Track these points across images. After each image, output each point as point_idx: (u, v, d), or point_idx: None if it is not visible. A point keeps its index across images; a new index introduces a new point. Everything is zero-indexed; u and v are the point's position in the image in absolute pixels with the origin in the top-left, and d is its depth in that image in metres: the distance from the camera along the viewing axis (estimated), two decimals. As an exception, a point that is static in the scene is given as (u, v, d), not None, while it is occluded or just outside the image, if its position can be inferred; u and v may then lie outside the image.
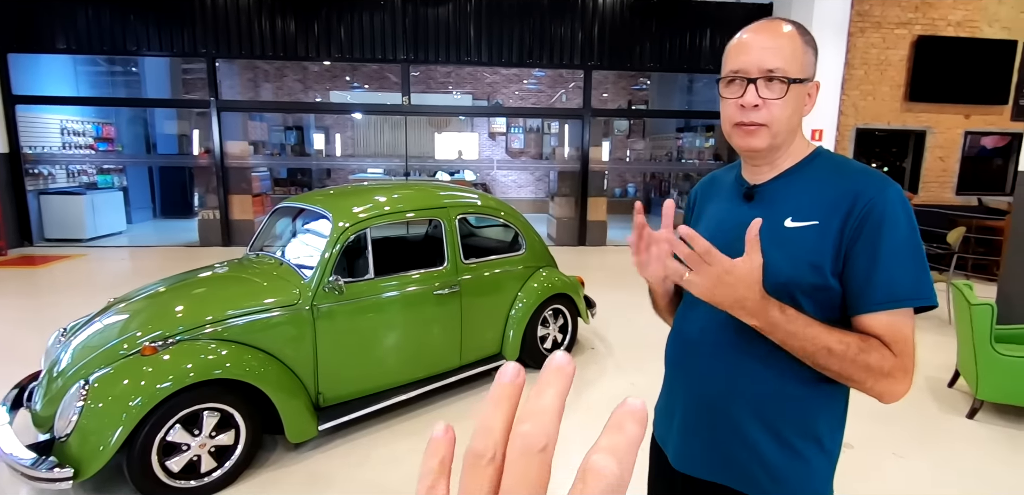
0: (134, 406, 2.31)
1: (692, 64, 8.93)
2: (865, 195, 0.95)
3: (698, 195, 1.28)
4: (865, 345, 0.92)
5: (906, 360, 0.93)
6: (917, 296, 0.94)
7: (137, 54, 8.25)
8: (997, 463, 2.94)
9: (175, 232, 9.94)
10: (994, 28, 8.07)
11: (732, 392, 1.05)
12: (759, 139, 1.02)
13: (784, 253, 0.99)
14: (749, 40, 1.02)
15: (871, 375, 0.92)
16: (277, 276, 3.03)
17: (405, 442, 3.06)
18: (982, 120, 8.48)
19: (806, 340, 0.93)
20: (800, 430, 1.02)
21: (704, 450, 1.10)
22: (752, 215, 1.02)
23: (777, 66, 0.99)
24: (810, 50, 1.03)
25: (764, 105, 1.00)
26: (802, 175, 1.05)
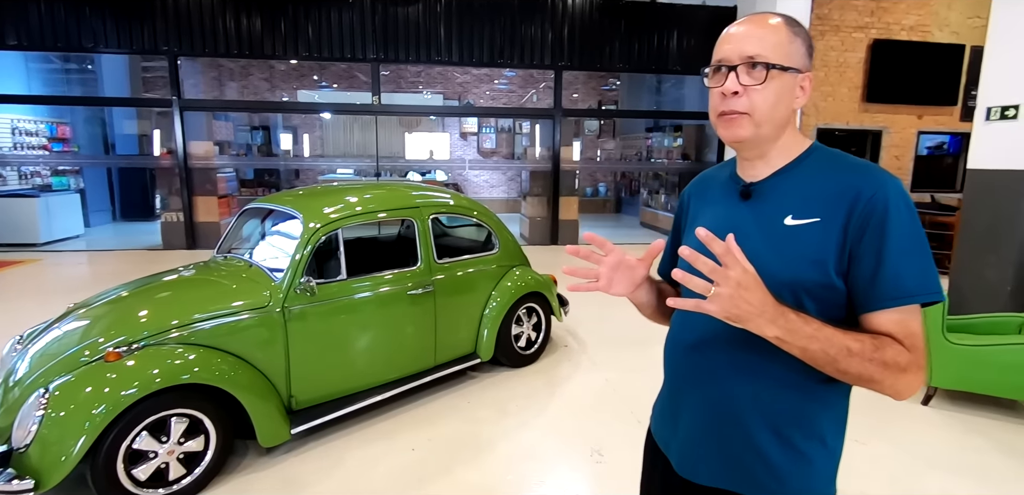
0: (98, 414, 2.24)
1: (660, 65, 9.10)
2: (867, 191, 0.94)
3: (689, 197, 1.25)
4: (879, 342, 0.91)
5: (918, 355, 0.92)
6: (924, 291, 0.92)
7: (94, 51, 7.96)
8: (951, 446, 3.09)
9: (136, 235, 9.63)
10: (944, 32, 8.46)
11: (738, 396, 1.04)
12: (741, 128, 1.01)
13: (785, 252, 0.98)
14: (734, 31, 1.02)
15: (888, 372, 0.90)
16: (246, 278, 2.98)
17: (380, 444, 3.04)
18: (934, 120, 8.87)
19: (826, 342, 0.90)
20: (803, 430, 1.01)
21: (711, 457, 1.09)
22: (750, 214, 1.04)
23: (757, 52, 0.98)
24: (800, 41, 1.01)
25: (744, 92, 0.99)
26: (799, 171, 1.03)
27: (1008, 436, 3.19)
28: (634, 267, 1.19)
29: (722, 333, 1.00)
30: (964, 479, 2.79)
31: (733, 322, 0.90)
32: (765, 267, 0.94)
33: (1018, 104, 4.38)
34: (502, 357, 3.92)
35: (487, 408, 3.46)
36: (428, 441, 3.07)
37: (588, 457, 2.95)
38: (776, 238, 0.99)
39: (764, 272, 0.92)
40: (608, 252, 1.16)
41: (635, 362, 4.21)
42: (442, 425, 3.25)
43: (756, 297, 0.88)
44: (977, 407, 3.51)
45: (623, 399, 3.61)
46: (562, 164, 9.26)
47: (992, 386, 3.37)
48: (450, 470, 2.82)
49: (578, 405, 3.54)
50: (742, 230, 1.01)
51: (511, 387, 3.75)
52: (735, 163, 1.13)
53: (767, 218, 1.02)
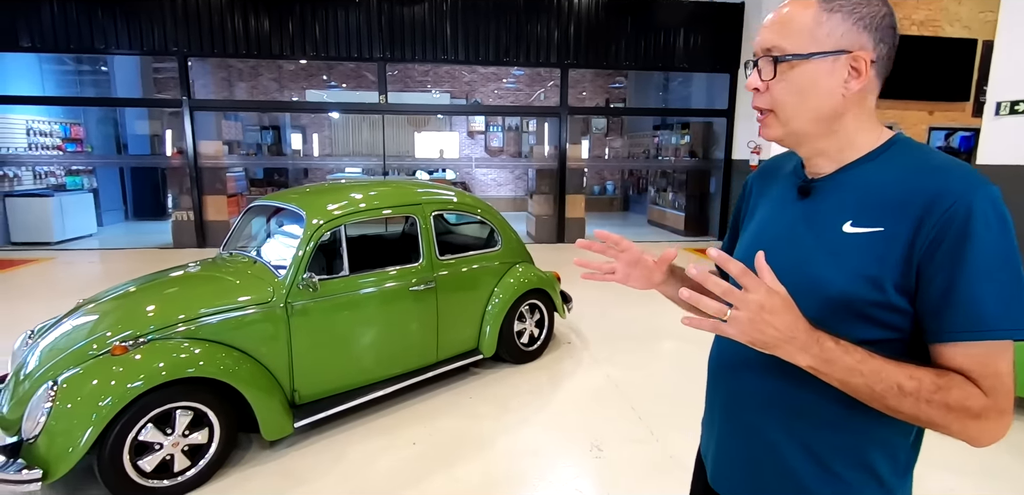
0: (104, 406, 2.28)
1: (666, 62, 9.07)
2: (947, 197, 0.77)
3: (752, 186, 1.12)
4: (943, 382, 0.77)
5: (999, 398, 0.76)
6: (1009, 325, 0.76)
7: (106, 52, 8.08)
8: (958, 445, 3.06)
9: (148, 234, 9.76)
10: (955, 27, 8.35)
11: (766, 408, 0.95)
12: (769, 128, 0.92)
13: (839, 263, 0.85)
14: (766, 18, 0.92)
15: (954, 417, 0.77)
16: (251, 275, 3.02)
17: (382, 438, 3.07)
18: (945, 116, 8.76)
19: (873, 377, 0.78)
20: (846, 458, 0.89)
21: (738, 470, 1.03)
22: (805, 216, 0.92)
23: (774, 43, 0.88)
24: (838, 16, 0.84)
25: (767, 88, 0.90)
26: (869, 169, 0.88)
27: (1018, 436, 3.16)
28: (651, 269, 1.13)
29: (754, 357, 0.89)
30: (970, 478, 2.77)
31: (758, 347, 0.80)
32: (814, 279, 0.86)
33: (1028, 99, 4.33)
34: (504, 354, 3.94)
35: (489, 404, 3.48)
36: (429, 436, 3.10)
37: (588, 452, 2.96)
38: (831, 246, 0.86)
39: (813, 285, 0.85)
40: (625, 249, 1.10)
41: (636, 359, 4.21)
42: (444, 420, 3.27)
43: (783, 322, 0.77)
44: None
45: (624, 395, 3.61)
46: (569, 162, 9.26)
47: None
48: (451, 465, 2.85)
49: (579, 401, 3.55)
50: (792, 234, 0.92)
51: (513, 383, 3.77)
52: None
53: (823, 222, 0.89)
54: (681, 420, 3.28)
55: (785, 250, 0.92)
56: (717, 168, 9.69)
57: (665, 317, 5.13)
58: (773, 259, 0.90)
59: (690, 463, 2.78)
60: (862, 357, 0.78)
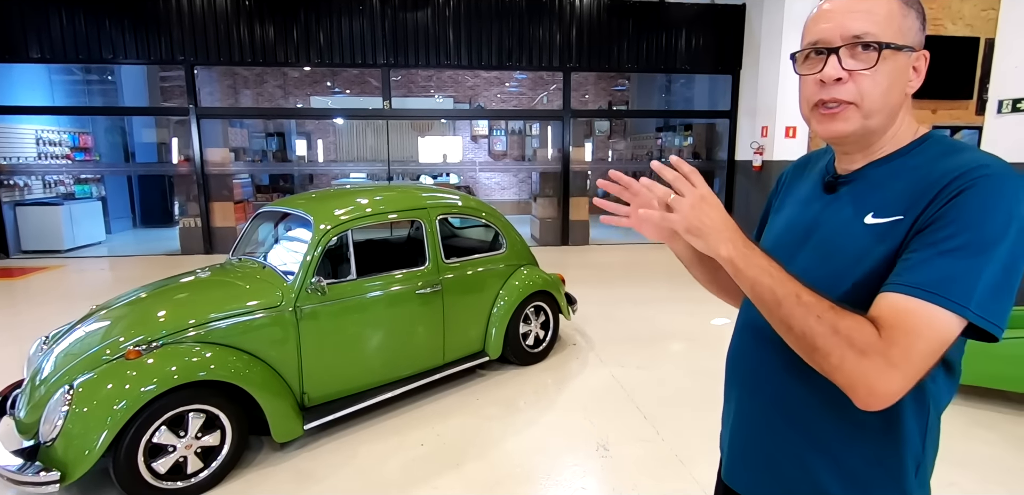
0: (119, 409, 2.33)
1: (669, 65, 9.10)
2: (969, 175, 0.74)
3: (786, 178, 1.11)
4: (838, 308, 0.76)
5: (892, 348, 0.72)
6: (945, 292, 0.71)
7: (113, 62, 8.18)
8: (959, 439, 3.07)
9: (156, 241, 9.85)
10: (958, 25, 8.35)
11: (780, 405, 0.94)
12: (846, 123, 0.85)
13: (858, 257, 0.83)
14: (831, 5, 0.86)
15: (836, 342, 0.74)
16: (260, 279, 3.07)
17: (391, 439, 3.11)
18: (949, 114, 8.75)
19: (777, 279, 0.79)
20: (857, 453, 0.87)
21: (750, 465, 1.02)
22: (826, 212, 0.92)
23: (866, 29, 0.81)
24: (913, 12, 0.84)
25: (850, 78, 0.83)
26: (899, 161, 0.86)
27: (1018, 430, 3.17)
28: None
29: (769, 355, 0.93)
30: (972, 472, 2.78)
31: (692, 236, 0.85)
32: (833, 274, 0.85)
33: (1029, 96, 4.34)
34: (510, 355, 3.97)
35: (496, 405, 3.51)
36: (437, 437, 3.14)
37: (594, 452, 2.99)
38: (851, 240, 0.85)
39: (832, 279, 0.84)
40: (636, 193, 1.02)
41: (641, 359, 4.24)
42: (451, 421, 3.31)
43: (718, 214, 0.84)
44: (986, 401, 3.48)
45: (629, 395, 3.64)
46: (572, 165, 9.30)
47: (1002, 380, 3.34)
48: (459, 465, 2.88)
49: (585, 401, 3.58)
50: (815, 228, 0.92)
51: (519, 384, 3.81)
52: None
53: (846, 216, 0.88)
54: (687, 420, 3.31)
55: (807, 244, 0.92)
56: (720, 169, 9.71)
57: (670, 318, 5.16)
58: (796, 253, 0.93)
59: (696, 462, 2.83)
60: (772, 262, 0.81)
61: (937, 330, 0.73)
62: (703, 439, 3.10)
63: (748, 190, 8.95)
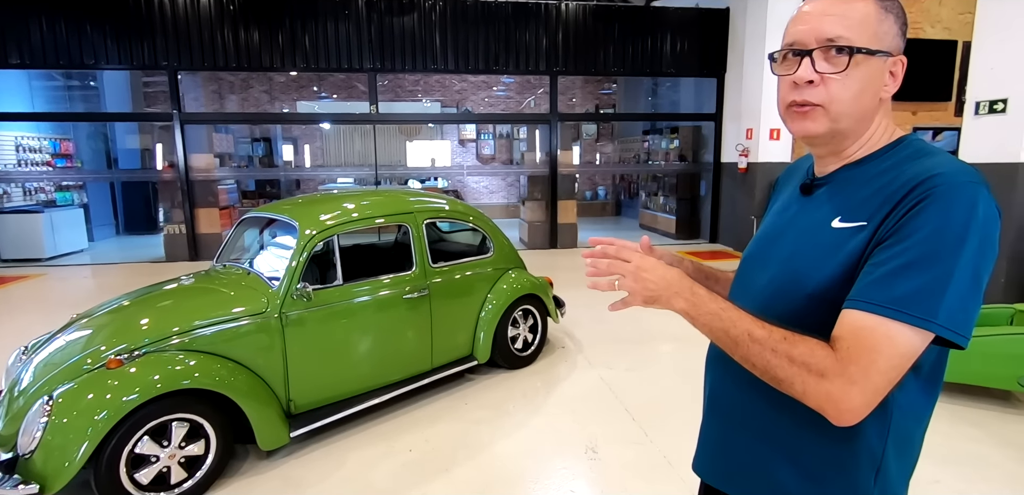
0: (100, 420, 2.29)
1: (654, 68, 9.16)
2: (927, 185, 0.75)
3: (780, 182, 1.13)
4: (792, 336, 0.78)
5: (851, 367, 0.74)
6: (908, 308, 0.72)
7: (95, 68, 8.07)
8: (945, 437, 3.12)
9: (140, 248, 9.72)
10: (936, 29, 8.50)
11: (740, 398, 0.97)
12: (815, 123, 0.86)
13: (822, 260, 0.84)
14: (810, 8, 0.87)
15: (797, 371, 0.77)
16: (245, 286, 3.04)
17: (379, 445, 3.09)
18: (929, 116, 8.90)
19: (728, 322, 0.83)
20: (812, 453, 0.89)
21: (716, 458, 1.06)
22: (799, 214, 0.94)
23: (839, 33, 0.82)
24: (891, 17, 0.84)
25: (821, 81, 0.84)
26: (871, 166, 0.87)
27: (1002, 427, 3.22)
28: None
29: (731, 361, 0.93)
30: (958, 469, 2.82)
31: (652, 306, 0.91)
32: (797, 274, 0.86)
33: (1006, 98, 4.43)
34: (499, 359, 3.97)
35: (484, 409, 3.50)
36: (426, 442, 3.12)
37: (583, 455, 3.00)
38: (817, 243, 0.87)
39: (796, 280, 0.86)
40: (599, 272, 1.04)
41: (630, 361, 4.25)
42: (440, 426, 3.30)
43: (658, 275, 0.89)
44: (971, 398, 3.54)
45: (618, 397, 3.65)
46: (560, 168, 9.33)
47: (985, 377, 3.40)
48: (448, 470, 2.87)
49: (574, 404, 3.58)
50: (788, 230, 0.94)
51: (508, 388, 3.80)
52: None
53: (816, 219, 0.89)
54: (675, 421, 3.33)
55: (779, 246, 0.94)
56: (707, 171, 9.79)
57: (657, 320, 5.18)
58: (769, 255, 0.97)
59: (684, 463, 2.84)
60: (725, 306, 0.85)
61: (898, 346, 0.74)
62: (691, 440, 3.08)
63: (734, 191, 9.03)
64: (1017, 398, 3.52)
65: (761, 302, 0.93)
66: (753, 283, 0.99)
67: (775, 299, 0.91)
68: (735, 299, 1.02)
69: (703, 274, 1.19)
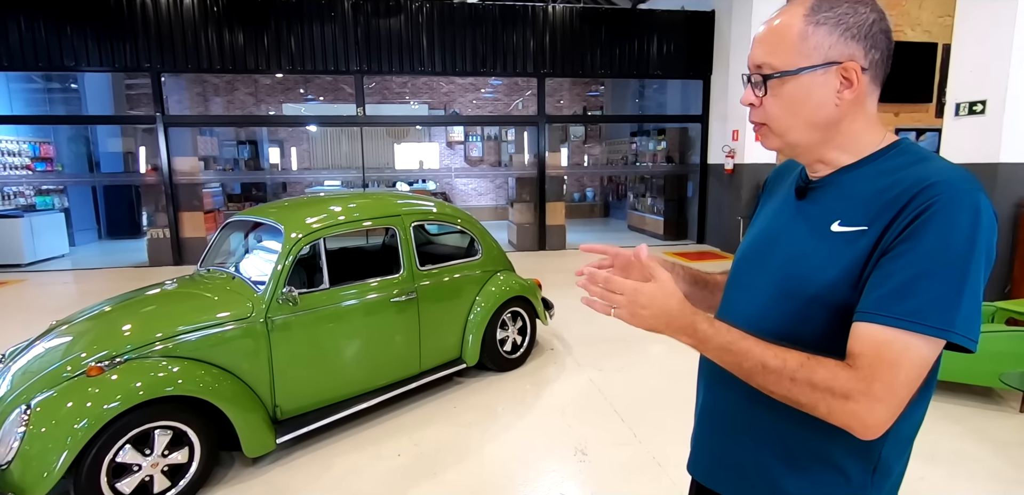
0: (80, 428, 2.25)
1: (641, 70, 9.21)
2: (930, 191, 0.76)
3: (771, 183, 1.14)
4: (809, 361, 0.78)
5: (874, 384, 0.74)
6: (926, 319, 0.73)
7: (75, 70, 7.94)
8: (926, 433, 3.15)
9: (123, 253, 9.56)
10: (917, 31, 8.64)
11: (736, 403, 0.97)
12: (768, 140, 0.93)
13: (823, 263, 0.85)
14: (757, 33, 0.92)
15: (820, 396, 0.77)
16: (229, 290, 3.00)
17: (367, 450, 3.06)
18: (911, 117, 9.04)
19: (740, 355, 0.82)
20: (812, 454, 0.89)
21: (712, 457, 1.06)
22: (797, 216, 0.95)
23: (763, 60, 0.88)
24: (825, 29, 0.84)
25: (760, 103, 0.91)
26: (865, 170, 0.88)
27: (982, 423, 3.27)
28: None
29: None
30: (938, 465, 2.86)
31: (653, 332, 0.88)
32: (798, 278, 0.87)
33: (985, 99, 4.50)
34: (488, 362, 3.95)
35: (473, 412, 3.49)
36: (415, 446, 3.10)
37: (572, 457, 2.99)
38: (817, 246, 0.87)
39: (797, 284, 0.87)
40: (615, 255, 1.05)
41: (619, 362, 4.26)
42: (429, 430, 3.28)
43: (656, 308, 0.85)
44: (951, 394, 3.59)
45: (607, 399, 3.66)
46: (548, 170, 9.33)
47: (968, 375, 3.45)
48: (436, 474, 2.85)
49: (563, 406, 3.58)
50: (785, 234, 0.95)
51: (497, 391, 3.79)
52: None
53: (814, 222, 0.90)
54: (664, 422, 3.33)
55: (777, 249, 0.95)
56: (694, 172, 9.85)
57: (646, 320, 5.19)
58: (768, 258, 0.96)
59: (674, 464, 2.84)
60: (734, 338, 0.83)
61: (916, 357, 0.75)
62: (681, 441, 3.10)
63: (721, 192, 9.10)
64: (999, 394, 3.57)
65: (760, 306, 0.93)
66: (751, 286, 0.98)
67: (775, 303, 0.91)
68: (732, 302, 1.02)
69: (694, 279, 1.18)
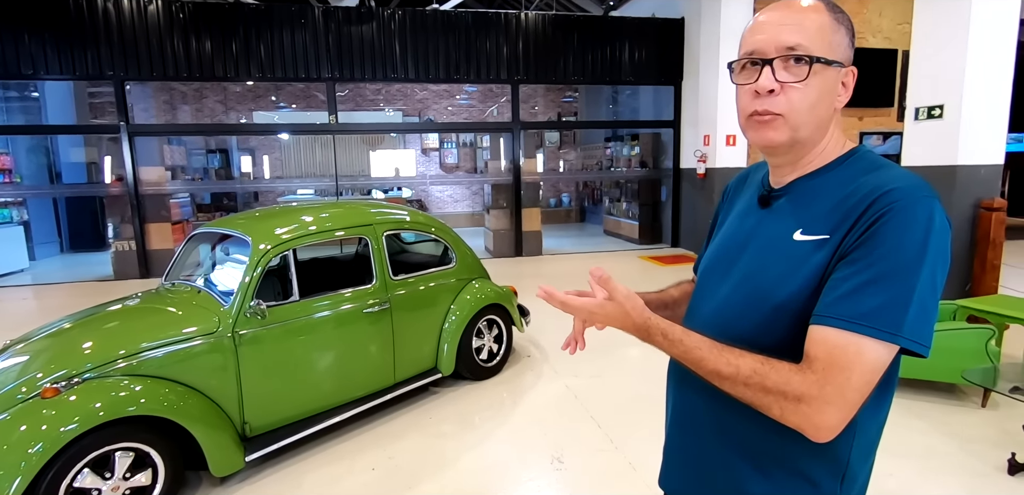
0: (34, 453, 2.15)
1: (614, 76, 9.31)
2: (886, 199, 0.77)
3: (731, 190, 1.13)
4: (761, 367, 0.79)
5: (826, 387, 0.75)
6: (877, 323, 0.74)
7: (34, 78, 7.67)
8: (893, 429, 3.22)
9: (86, 266, 9.25)
10: (877, 38, 8.92)
11: (705, 409, 0.97)
12: (777, 132, 0.87)
13: (787, 272, 0.85)
14: (766, 18, 0.88)
15: (773, 399, 0.78)
16: (195, 305, 2.92)
17: (340, 465, 3.00)
18: (874, 122, 9.32)
19: (694, 365, 0.85)
20: (780, 462, 0.89)
21: (682, 468, 1.05)
22: (760, 225, 0.95)
23: (798, 42, 0.84)
24: (842, 29, 0.86)
25: (782, 90, 0.85)
26: (827, 178, 0.89)
27: (948, 418, 3.36)
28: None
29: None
30: (906, 461, 2.93)
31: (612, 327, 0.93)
32: (762, 288, 0.87)
33: (942, 104, 4.66)
34: (464, 371, 3.92)
35: (449, 422, 3.45)
36: (389, 459, 3.05)
37: (549, 465, 2.98)
38: (781, 255, 0.87)
39: (761, 293, 0.87)
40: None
41: (595, 368, 4.27)
42: (404, 442, 3.23)
43: (617, 323, 0.91)
44: (917, 391, 3.68)
45: (584, 405, 3.66)
46: (524, 176, 9.35)
47: (932, 371, 3.55)
48: (411, 487, 2.81)
49: (540, 413, 3.57)
50: (748, 242, 0.95)
51: (474, 400, 3.76)
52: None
53: (777, 231, 0.90)
54: (641, 427, 3.35)
55: (741, 258, 0.94)
56: (667, 177, 9.98)
57: (621, 325, 5.22)
58: (732, 267, 0.96)
59: (650, 468, 2.83)
60: (687, 349, 0.85)
61: (868, 360, 0.76)
62: (657, 446, 3.11)
63: (694, 196, 9.24)
64: (962, 390, 3.68)
65: (726, 315, 0.93)
66: (715, 295, 0.98)
67: (740, 311, 0.91)
68: (697, 311, 1.02)
69: (657, 304, 1.17)
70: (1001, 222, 4.73)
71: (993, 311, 3.87)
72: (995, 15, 4.54)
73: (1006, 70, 4.61)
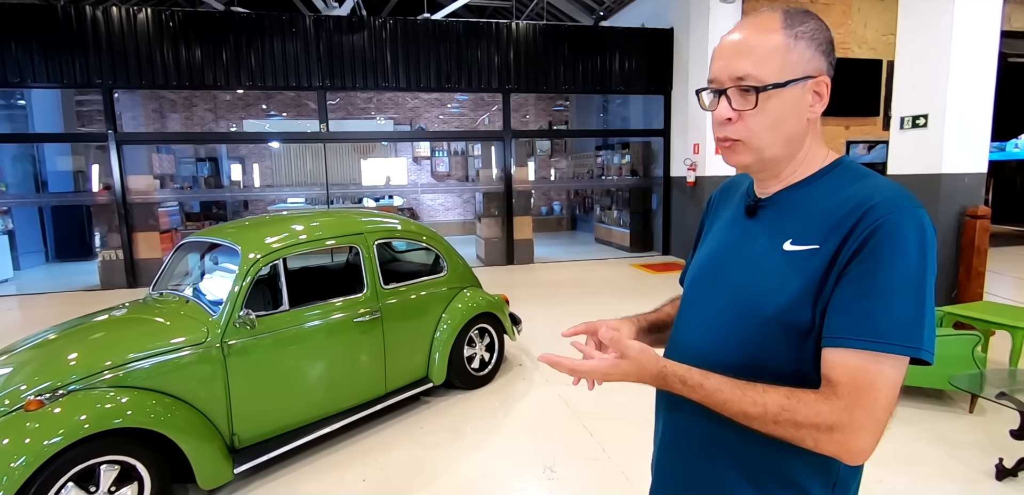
0: (16, 467, 2.11)
1: (604, 85, 9.37)
2: (876, 212, 0.78)
3: (715, 200, 1.13)
4: (788, 402, 0.78)
5: (858, 412, 0.75)
6: (897, 339, 0.75)
7: (21, 86, 7.59)
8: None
9: (73, 276, 9.13)
10: (863, 49, 9.05)
11: (696, 429, 0.96)
12: (740, 156, 0.90)
13: (777, 283, 0.85)
14: (722, 45, 0.89)
15: (806, 432, 0.78)
16: (184, 314, 2.89)
17: (330, 476, 2.97)
18: (860, 131, 9.44)
19: (717, 406, 0.83)
20: (773, 474, 0.89)
21: (673, 482, 1.04)
22: (749, 235, 0.94)
23: (747, 72, 0.85)
24: (804, 42, 0.85)
25: (739, 117, 0.87)
26: (813, 188, 0.89)
27: (936, 424, 3.39)
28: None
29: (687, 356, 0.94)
30: (895, 468, 2.95)
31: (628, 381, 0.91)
32: (753, 300, 0.87)
33: (927, 113, 4.73)
34: (455, 380, 3.91)
35: (441, 432, 3.43)
36: (380, 470, 3.03)
37: (541, 474, 2.97)
38: (771, 266, 0.88)
39: (752, 305, 0.87)
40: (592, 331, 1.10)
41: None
42: (395, 452, 3.21)
43: (630, 379, 0.90)
44: (904, 398, 3.72)
45: (576, 414, 3.65)
46: (515, 184, 9.37)
47: (918, 377, 3.57)
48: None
49: (532, 423, 3.56)
50: (736, 253, 0.95)
51: (465, 409, 3.74)
52: None
53: (765, 241, 0.91)
54: (633, 436, 3.34)
55: (730, 269, 0.94)
56: (657, 185, 10.04)
57: (613, 333, 5.22)
58: (720, 278, 0.96)
59: (642, 477, 2.82)
60: (708, 393, 0.84)
61: (891, 376, 0.77)
62: (649, 454, 3.14)
63: (684, 204, 9.30)
64: (949, 396, 3.72)
65: (717, 328, 0.93)
66: (706, 306, 0.98)
67: (732, 324, 0.91)
68: (688, 324, 1.01)
69: (651, 325, 1.18)
70: (985, 229, 4.80)
71: (979, 317, 3.92)
72: (977, 26, 4.62)
73: (988, 80, 4.70)
